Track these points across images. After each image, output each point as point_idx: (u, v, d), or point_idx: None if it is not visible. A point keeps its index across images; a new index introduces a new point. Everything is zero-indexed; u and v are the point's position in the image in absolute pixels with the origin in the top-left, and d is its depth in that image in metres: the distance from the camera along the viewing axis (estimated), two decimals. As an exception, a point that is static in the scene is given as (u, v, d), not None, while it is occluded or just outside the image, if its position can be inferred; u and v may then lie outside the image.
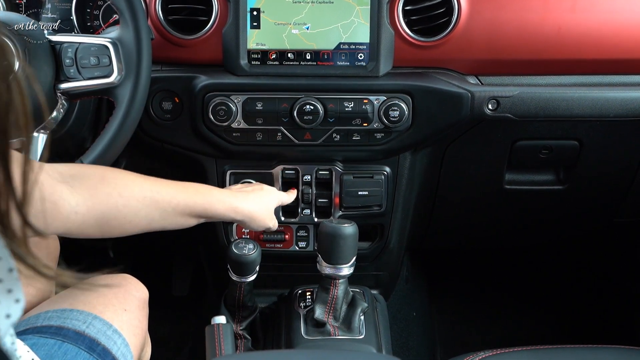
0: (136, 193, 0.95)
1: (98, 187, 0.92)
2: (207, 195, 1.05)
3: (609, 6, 1.23)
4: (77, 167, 0.94)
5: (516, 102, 1.22)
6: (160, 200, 0.97)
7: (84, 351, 0.90)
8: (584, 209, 1.53)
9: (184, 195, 1.00)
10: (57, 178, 0.88)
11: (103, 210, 0.91)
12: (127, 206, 0.94)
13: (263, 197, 1.16)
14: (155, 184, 0.98)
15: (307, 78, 1.21)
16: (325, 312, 1.21)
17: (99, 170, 0.95)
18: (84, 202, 0.89)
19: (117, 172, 0.97)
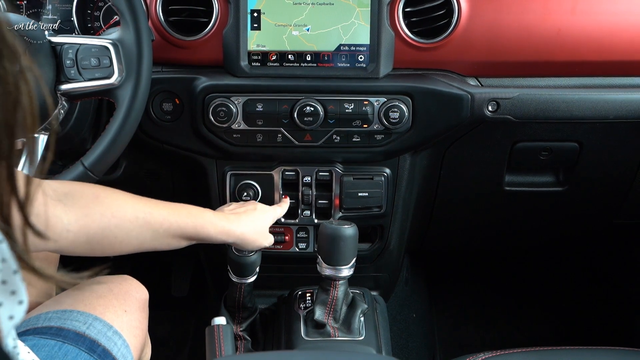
0: (129, 214, 0.95)
1: (91, 207, 0.91)
2: (199, 217, 1.04)
3: (609, 8, 1.23)
4: (71, 185, 0.94)
5: (516, 103, 1.22)
6: (152, 222, 0.97)
7: (85, 352, 0.90)
8: (583, 211, 1.53)
9: (176, 217, 1.00)
10: (51, 195, 0.88)
11: (95, 230, 0.91)
12: (120, 226, 0.94)
13: (256, 217, 1.15)
14: (147, 205, 0.98)
15: (307, 79, 1.21)
16: (325, 313, 1.21)
17: (93, 190, 0.95)
18: (76, 221, 0.89)
19: (110, 192, 0.96)
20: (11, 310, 0.56)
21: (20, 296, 0.56)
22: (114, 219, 0.93)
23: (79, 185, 0.95)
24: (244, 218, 1.12)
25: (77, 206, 0.90)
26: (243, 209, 1.16)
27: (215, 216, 1.08)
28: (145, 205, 0.98)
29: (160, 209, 0.99)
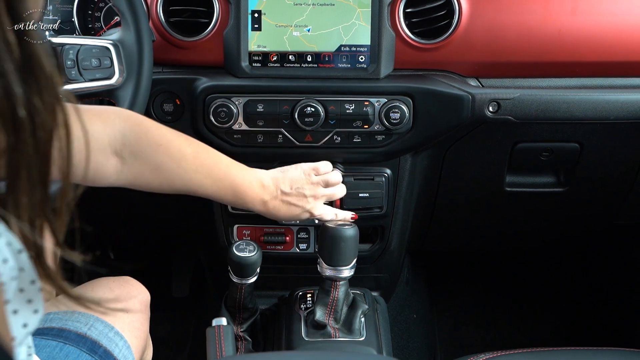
0: (178, 179, 1.00)
1: (148, 164, 0.96)
2: (246, 201, 1.07)
3: (610, 9, 1.23)
4: (143, 143, 0.96)
5: (517, 104, 1.22)
6: (199, 192, 1.03)
7: (86, 353, 0.91)
8: (584, 211, 1.53)
9: (223, 193, 1.04)
10: (114, 149, 0.92)
11: (142, 184, 0.97)
12: (163, 186, 1.00)
13: (299, 211, 1.14)
14: (203, 172, 1.01)
15: (308, 80, 1.21)
16: (326, 313, 1.21)
17: (160, 157, 0.97)
18: (127, 176, 0.94)
19: (173, 148, 0.99)
20: (26, 318, 0.56)
21: (36, 305, 0.56)
22: (166, 181, 0.99)
23: (144, 137, 0.96)
24: (284, 209, 1.12)
25: (134, 164, 0.94)
26: (294, 195, 1.13)
27: (258, 203, 1.09)
28: (201, 173, 1.01)
29: (211, 181, 1.02)
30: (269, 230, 1.36)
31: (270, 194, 1.10)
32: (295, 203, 1.12)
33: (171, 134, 0.99)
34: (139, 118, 0.98)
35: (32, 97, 0.50)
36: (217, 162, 1.04)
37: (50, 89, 0.52)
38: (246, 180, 1.06)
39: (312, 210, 1.15)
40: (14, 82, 0.49)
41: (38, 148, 0.52)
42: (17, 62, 0.49)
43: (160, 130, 0.98)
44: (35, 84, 0.51)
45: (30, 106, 0.50)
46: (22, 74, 0.50)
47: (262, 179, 1.09)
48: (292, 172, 1.14)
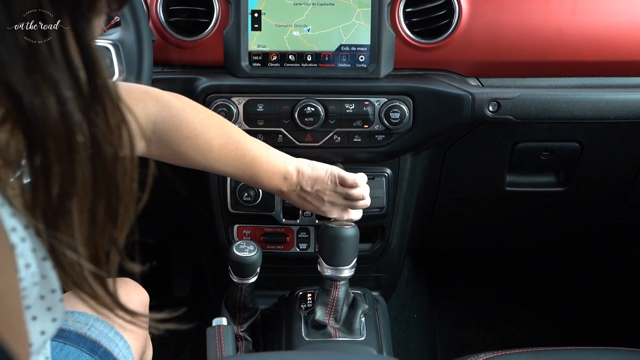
0: (205, 165, 1.03)
1: (171, 157, 1.00)
2: (270, 187, 1.10)
3: (610, 8, 1.23)
4: (172, 135, 0.98)
5: (517, 104, 1.22)
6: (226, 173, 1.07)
7: (86, 353, 0.90)
8: (584, 211, 1.53)
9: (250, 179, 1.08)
10: (144, 133, 0.94)
11: (165, 161, 1.01)
12: (189, 166, 1.03)
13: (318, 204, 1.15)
14: (230, 162, 1.04)
15: (308, 80, 1.21)
16: (326, 313, 1.21)
17: (186, 148, 1.00)
18: (149, 155, 0.96)
19: (203, 138, 1.01)
20: (44, 325, 0.56)
21: (55, 314, 0.56)
22: (186, 164, 1.02)
23: (175, 129, 0.98)
24: (298, 201, 1.14)
25: (160, 149, 0.98)
26: (312, 196, 1.13)
27: (275, 191, 1.11)
28: (224, 163, 1.04)
29: (232, 169, 1.05)
30: (269, 230, 1.36)
31: (289, 186, 1.11)
32: (311, 201, 1.13)
33: (203, 126, 1.01)
34: (174, 107, 0.99)
35: (97, 121, 0.50)
36: (244, 154, 1.05)
37: (116, 112, 0.52)
38: (269, 171, 1.08)
39: (327, 212, 1.16)
40: (73, 109, 0.49)
41: (101, 171, 0.52)
42: (82, 89, 0.49)
43: (193, 122, 1.00)
44: (102, 109, 0.51)
45: (93, 130, 0.50)
46: (87, 102, 0.50)
47: (287, 171, 1.10)
48: (319, 172, 1.12)
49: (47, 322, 0.56)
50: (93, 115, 0.50)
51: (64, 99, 0.48)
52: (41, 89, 0.47)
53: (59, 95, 0.48)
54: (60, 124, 0.48)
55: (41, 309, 0.55)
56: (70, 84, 0.48)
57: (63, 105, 0.48)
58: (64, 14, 0.48)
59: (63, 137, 0.49)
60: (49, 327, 0.56)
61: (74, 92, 0.49)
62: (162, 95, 0.99)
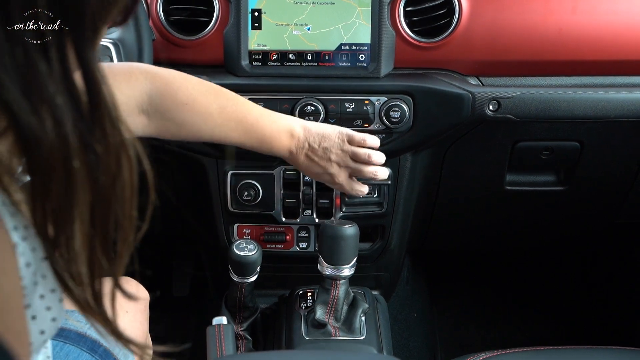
0: (206, 134, 1.02)
1: (174, 120, 0.98)
2: (272, 150, 1.08)
3: (610, 8, 1.23)
4: (168, 103, 0.97)
5: (517, 103, 1.22)
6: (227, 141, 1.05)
7: (86, 352, 0.90)
8: (584, 210, 1.53)
9: (250, 142, 1.05)
10: (140, 107, 0.94)
11: (168, 136, 1.00)
12: (192, 138, 1.03)
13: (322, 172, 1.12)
14: (229, 127, 1.02)
15: (308, 79, 1.21)
16: (326, 312, 1.21)
17: (186, 115, 0.98)
18: (153, 131, 0.96)
19: (201, 105, 0.99)
20: (43, 324, 0.55)
21: (54, 313, 0.56)
22: (191, 134, 1.01)
23: (170, 97, 0.97)
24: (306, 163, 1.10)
25: (160, 121, 0.96)
26: (320, 154, 1.10)
27: (285, 152, 1.08)
28: (227, 127, 1.02)
29: (237, 134, 1.03)
30: (269, 229, 1.36)
31: (297, 145, 1.08)
32: (318, 162, 1.10)
33: (198, 90, 1.00)
34: (165, 77, 0.98)
35: (95, 146, 0.49)
36: (245, 115, 1.04)
37: (115, 135, 0.50)
38: (274, 130, 1.06)
39: (334, 176, 1.12)
40: (71, 133, 0.47)
41: (99, 198, 0.50)
42: (83, 112, 0.48)
43: (187, 88, 0.99)
44: (101, 133, 0.49)
45: (91, 156, 0.49)
46: (87, 125, 0.48)
47: (293, 128, 1.08)
48: (326, 129, 1.10)
49: (47, 322, 0.56)
50: (92, 140, 0.49)
51: (62, 121, 0.47)
52: (39, 110, 0.46)
53: (57, 118, 0.46)
54: (57, 147, 0.47)
55: (41, 309, 0.55)
56: (70, 106, 0.47)
57: (61, 128, 0.47)
58: (66, 36, 0.47)
59: (60, 160, 0.47)
60: (48, 327, 0.56)
61: (73, 115, 0.47)
62: (151, 68, 0.98)
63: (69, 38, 0.47)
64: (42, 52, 0.46)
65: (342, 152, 1.11)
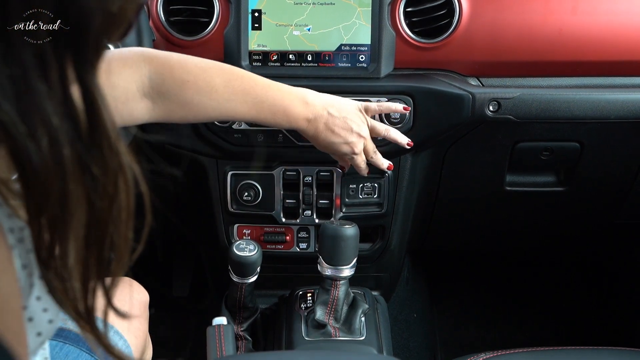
0: (212, 112, 1.00)
1: (179, 110, 0.98)
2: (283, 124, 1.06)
3: (610, 8, 1.23)
4: (168, 83, 0.96)
5: (517, 103, 1.22)
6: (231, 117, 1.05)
7: (86, 352, 0.90)
8: (584, 211, 1.53)
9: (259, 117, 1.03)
10: (143, 91, 0.94)
11: (175, 119, 1.00)
12: (198, 119, 1.02)
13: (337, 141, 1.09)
14: (235, 103, 1.00)
15: (308, 79, 1.21)
16: (326, 313, 1.21)
17: (189, 93, 0.97)
18: (159, 116, 0.96)
19: (201, 81, 0.98)
20: (40, 326, 0.55)
21: (51, 315, 0.56)
22: (198, 113, 0.99)
23: (169, 76, 0.96)
24: (326, 133, 1.07)
25: (164, 103, 0.96)
26: (340, 123, 1.07)
27: (302, 121, 1.05)
28: (235, 101, 1.00)
29: (247, 107, 1.01)
30: (269, 230, 1.36)
31: (315, 113, 1.05)
32: (339, 132, 1.07)
33: (200, 67, 0.98)
34: (162, 57, 0.97)
35: (92, 168, 0.48)
36: (252, 86, 1.01)
37: (113, 157, 0.49)
38: (286, 99, 1.03)
39: (354, 145, 1.09)
40: (68, 155, 0.46)
41: (94, 217, 0.50)
42: (81, 134, 0.47)
43: (187, 66, 0.97)
44: (99, 155, 0.48)
45: (88, 178, 0.48)
46: (84, 147, 0.47)
47: (306, 96, 1.05)
48: (341, 99, 1.08)
49: (44, 324, 0.55)
50: (89, 161, 0.48)
51: (59, 142, 0.46)
52: (36, 131, 0.45)
53: (54, 139, 0.45)
54: (53, 168, 0.46)
55: (37, 310, 0.54)
56: (68, 127, 0.46)
57: (57, 149, 0.46)
58: (67, 57, 0.46)
59: (55, 181, 0.47)
60: (45, 329, 0.56)
61: (70, 136, 0.46)
62: (149, 51, 0.97)
63: (70, 59, 0.46)
64: (41, 73, 0.45)
65: (362, 122, 1.09)
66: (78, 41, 0.46)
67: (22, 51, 0.44)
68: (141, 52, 0.96)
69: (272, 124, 1.05)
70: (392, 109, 1.16)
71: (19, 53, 0.44)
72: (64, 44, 0.45)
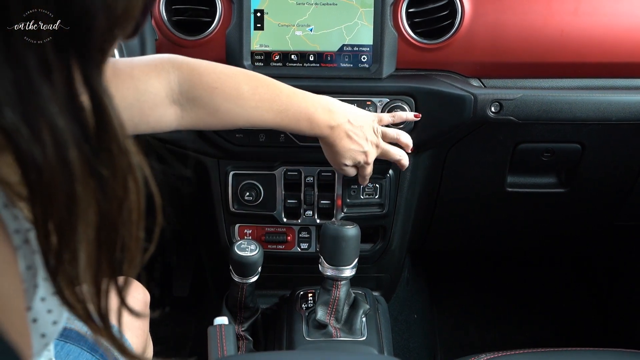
0: (241, 120, 1.02)
1: (207, 109, 0.98)
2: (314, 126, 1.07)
3: (612, 9, 1.23)
4: (192, 84, 0.97)
5: (519, 105, 1.22)
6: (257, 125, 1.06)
7: (87, 352, 0.91)
8: (585, 212, 1.53)
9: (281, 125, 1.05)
10: (173, 98, 0.94)
11: (203, 127, 1.02)
12: (226, 126, 1.03)
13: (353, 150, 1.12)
14: (262, 111, 1.02)
15: (310, 80, 1.21)
16: (327, 313, 1.21)
17: (217, 100, 0.99)
18: (188, 123, 0.97)
19: (230, 91, 0.99)
20: (44, 328, 0.55)
21: (55, 317, 0.56)
22: (227, 120, 1.01)
23: (199, 83, 0.97)
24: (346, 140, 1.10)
25: (193, 109, 0.97)
26: (358, 132, 1.10)
27: (326, 128, 1.07)
28: (262, 108, 1.02)
29: (273, 114, 1.03)
30: (270, 230, 1.36)
31: (337, 120, 1.08)
32: (357, 140, 1.10)
33: (226, 74, 1.00)
34: (192, 64, 0.98)
35: (101, 170, 0.47)
36: (277, 94, 1.03)
37: (123, 158, 0.48)
38: (311, 107, 1.05)
39: (367, 154, 1.13)
40: (74, 157, 0.45)
41: (104, 219, 0.49)
42: (89, 136, 0.46)
43: (215, 73, 0.99)
44: (107, 157, 0.48)
45: (96, 181, 0.47)
46: (92, 149, 0.46)
47: (330, 105, 1.08)
48: (358, 109, 1.12)
49: (48, 325, 0.55)
50: (97, 163, 0.47)
51: (65, 144, 0.45)
52: (40, 134, 0.44)
53: (59, 141, 0.44)
54: (59, 171, 0.45)
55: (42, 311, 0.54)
56: (74, 129, 0.45)
57: (63, 151, 0.45)
58: (71, 58, 0.45)
59: (62, 185, 0.45)
60: (49, 330, 0.56)
61: (77, 138, 0.45)
62: (177, 57, 0.98)
63: (75, 60, 0.45)
64: (45, 74, 0.44)
65: (375, 131, 1.13)
66: (82, 42, 0.45)
67: (24, 53, 0.43)
68: (168, 58, 0.97)
69: (296, 130, 1.07)
70: (404, 118, 1.19)
71: (21, 54, 0.43)
72: (67, 45, 0.44)
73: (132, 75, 0.90)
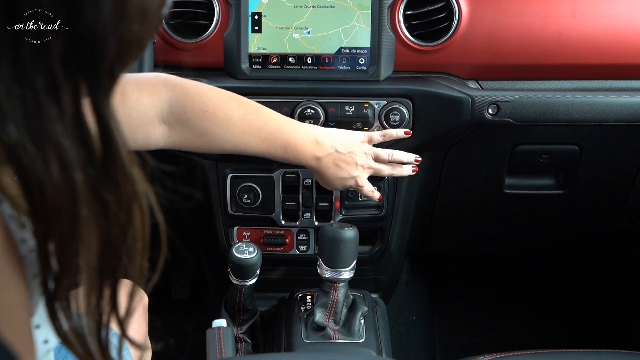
0: (227, 145, 1.02)
1: (195, 130, 0.98)
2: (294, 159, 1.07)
3: (609, 11, 1.23)
4: (183, 106, 0.97)
5: (516, 106, 1.22)
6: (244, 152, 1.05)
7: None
8: (583, 213, 1.53)
9: (272, 152, 1.06)
10: (162, 117, 0.94)
11: (191, 148, 1.01)
12: (213, 150, 1.03)
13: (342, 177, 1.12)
14: (248, 137, 1.02)
15: (308, 82, 1.21)
16: (326, 315, 1.21)
17: (207, 123, 0.99)
18: (176, 142, 0.97)
19: (220, 113, 0.99)
20: (47, 334, 0.55)
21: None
22: (214, 144, 1.01)
23: (190, 105, 0.98)
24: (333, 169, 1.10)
25: (182, 130, 0.97)
26: (346, 159, 1.11)
27: (311, 159, 1.08)
28: (249, 135, 1.02)
29: (260, 141, 1.03)
30: (268, 232, 1.36)
31: (324, 151, 1.09)
32: (345, 167, 1.11)
33: (219, 98, 1.00)
34: (185, 85, 0.98)
35: (105, 195, 0.47)
36: (266, 122, 1.04)
37: (128, 184, 0.48)
38: (299, 137, 1.06)
39: (357, 179, 1.13)
40: (79, 180, 0.44)
41: (106, 245, 0.48)
42: (94, 158, 0.45)
43: (207, 96, 0.99)
44: (112, 181, 0.47)
45: (100, 205, 0.46)
46: (97, 172, 0.46)
47: (317, 135, 1.08)
48: (347, 134, 1.12)
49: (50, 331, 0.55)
50: (102, 188, 0.46)
51: (70, 165, 0.44)
52: (45, 153, 0.43)
53: (64, 161, 0.44)
54: (63, 192, 0.44)
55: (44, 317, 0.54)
56: (80, 151, 0.45)
57: (68, 173, 0.44)
58: (80, 83, 0.44)
59: (66, 206, 0.45)
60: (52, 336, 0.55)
61: (83, 161, 0.45)
62: (171, 77, 0.99)
63: (84, 83, 0.45)
64: (52, 95, 0.43)
65: (366, 154, 1.13)
66: (92, 66, 0.45)
67: (33, 70, 0.43)
68: (165, 78, 0.98)
69: (283, 159, 1.08)
70: (395, 135, 1.19)
71: (30, 72, 0.43)
72: (76, 67, 0.44)
73: (124, 92, 0.90)
